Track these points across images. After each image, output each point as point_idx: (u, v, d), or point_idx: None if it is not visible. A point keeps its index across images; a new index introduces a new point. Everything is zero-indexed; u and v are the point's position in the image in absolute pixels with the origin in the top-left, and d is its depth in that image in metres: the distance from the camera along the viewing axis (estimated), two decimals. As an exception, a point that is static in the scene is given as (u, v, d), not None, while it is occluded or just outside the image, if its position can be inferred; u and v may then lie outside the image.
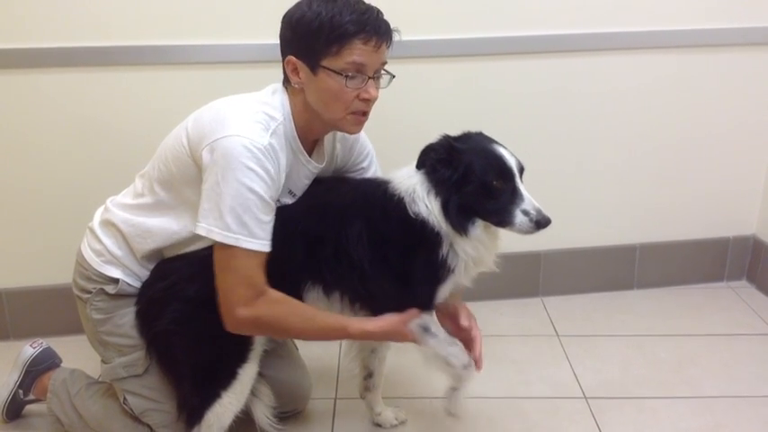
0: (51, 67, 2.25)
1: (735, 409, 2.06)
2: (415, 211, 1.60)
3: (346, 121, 1.62)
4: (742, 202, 2.81)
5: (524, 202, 1.56)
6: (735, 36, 2.54)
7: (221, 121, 1.54)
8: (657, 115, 2.62)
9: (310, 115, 1.63)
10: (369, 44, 1.53)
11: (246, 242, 1.50)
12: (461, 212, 1.58)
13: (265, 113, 1.58)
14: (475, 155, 1.59)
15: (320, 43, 1.52)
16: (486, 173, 1.57)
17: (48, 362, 2.00)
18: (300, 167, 1.68)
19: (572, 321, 2.59)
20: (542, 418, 2.03)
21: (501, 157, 1.59)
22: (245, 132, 1.51)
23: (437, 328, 1.67)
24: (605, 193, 2.71)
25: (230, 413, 1.69)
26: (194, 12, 2.25)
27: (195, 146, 1.56)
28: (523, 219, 1.55)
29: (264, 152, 1.51)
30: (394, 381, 2.16)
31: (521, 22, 2.42)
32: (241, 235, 1.49)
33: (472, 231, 1.59)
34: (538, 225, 1.55)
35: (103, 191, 1.86)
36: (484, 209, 1.58)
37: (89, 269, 1.74)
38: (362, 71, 1.55)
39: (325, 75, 1.54)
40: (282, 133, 1.59)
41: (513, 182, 1.58)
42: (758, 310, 2.65)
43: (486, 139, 1.66)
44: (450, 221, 1.58)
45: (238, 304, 1.53)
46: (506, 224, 1.58)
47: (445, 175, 1.58)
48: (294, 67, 1.59)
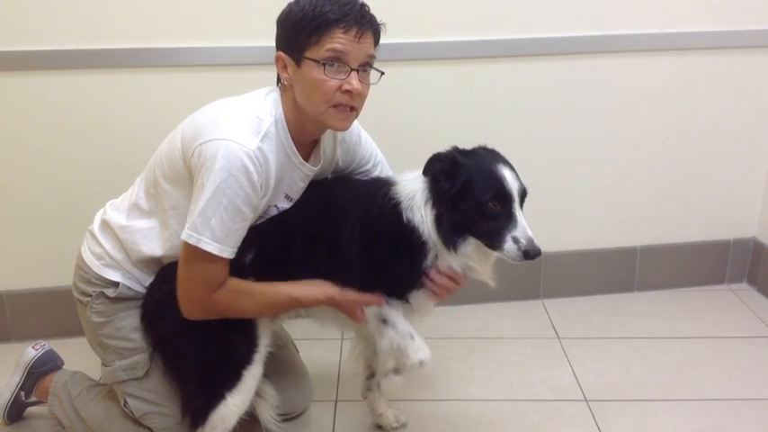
0: (51, 70, 2.25)
1: (736, 411, 2.05)
2: (408, 218, 1.60)
3: (329, 115, 1.58)
4: (743, 204, 2.81)
5: (517, 229, 1.53)
6: (735, 39, 2.54)
7: (212, 123, 1.55)
8: (658, 118, 2.62)
9: (300, 113, 1.61)
10: (349, 33, 1.51)
11: (207, 244, 1.50)
12: (453, 228, 1.56)
13: (256, 116, 1.57)
14: (477, 172, 1.56)
15: (303, 35, 1.52)
16: (484, 193, 1.54)
17: (49, 364, 2.00)
18: (294, 170, 1.66)
19: (573, 324, 2.59)
20: (543, 420, 2.03)
21: (502, 179, 1.56)
22: (232, 136, 1.50)
23: (398, 321, 1.66)
24: (606, 196, 2.71)
25: (235, 415, 1.68)
26: (193, 15, 2.25)
27: (186, 148, 1.56)
28: (512, 246, 1.52)
29: (252, 157, 1.50)
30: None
31: (521, 24, 2.42)
32: (204, 236, 1.50)
33: (462, 248, 1.58)
34: (526, 255, 1.51)
35: (104, 193, 1.87)
36: (476, 228, 1.56)
37: (89, 272, 1.74)
38: (343, 60, 1.53)
39: (308, 66, 1.53)
40: (274, 136, 1.58)
41: (509, 206, 1.55)
42: (759, 313, 2.65)
43: (494, 158, 1.63)
44: (440, 234, 1.57)
45: (192, 299, 1.58)
46: (495, 248, 1.56)
47: (444, 188, 1.57)
48: (282, 62, 1.59)
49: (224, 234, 1.51)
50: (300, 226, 1.68)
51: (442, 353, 2.37)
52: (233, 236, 1.53)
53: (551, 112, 2.55)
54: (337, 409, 2.10)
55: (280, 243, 1.67)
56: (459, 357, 2.36)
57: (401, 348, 1.64)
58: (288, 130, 1.62)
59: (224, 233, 1.51)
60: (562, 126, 2.57)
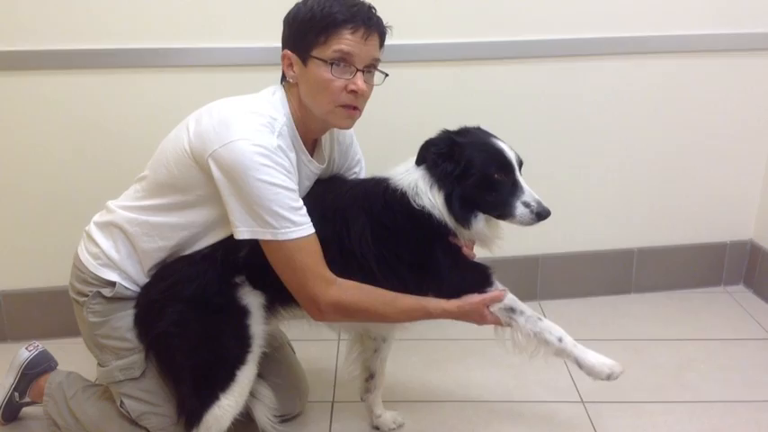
0: (51, 70, 2.25)
1: (732, 413, 2.06)
2: (420, 204, 1.62)
3: (335, 115, 1.61)
4: (739, 206, 2.81)
5: (525, 194, 1.60)
6: (732, 42, 2.55)
7: (225, 125, 1.54)
8: (655, 120, 2.63)
9: (305, 112, 1.64)
10: (357, 34, 1.54)
11: (293, 232, 1.52)
12: (464, 205, 1.60)
13: (269, 115, 1.58)
14: (475, 148, 1.62)
15: (311, 34, 1.55)
16: (487, 166, 1.59)
17: (44, 365, 2.00)
18: (302, 168, 1.68)
19: (570, 325, 2.56)
20: (540, 422, 2.03)
21: (501, 150, 1.63)
22: (251, 136, 1.51)
23: (523, 306, 1.67)
24: (603, 198, 2.71)
25: (229, 415, 1.68)
26: (194, 15, 2.25)
27: (199, 151, 1.55)
28: (524, 210, 1.58)
29: (275, 152, 1.52)
30: (393, 384, 2.15)
31: (518, 26, 2.42)
32: (284, 228, 1.51)
33: (475, 224, 1.62)
34: (539, 216, 1.58)
35: (102, 193, 1.85)
36: (485, 202, 1.61)
37: (86, 272, 1.73)
38: (350, 61, 1.56)
39: (315, 65, 1.56)
40: (287, 134, 1.60)
41: (513, 174, 1.61)
42: (755, 315, 2.66)
43: (485, 134, 1.69)
44: (453, 214, 1.61)
45: (315, 296, 1.57)
46: (507, 216, 1.61)
47: (447, 169, 1.60)
48: (289, 61, 1.62)
49: (298, 216, 1.53)
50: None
51: (439, 354, 2.38)
52: (303, 212, 1.55)
53: (549, 114, 2.55)
54: (334, 411, 2.09)
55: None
56: (456, 359, 2.36)
57: (537, 333, 1.65)
58: (296, 129, 1.64)
59: (297, 215, 1.53)
60: (559, 128, 2.58)
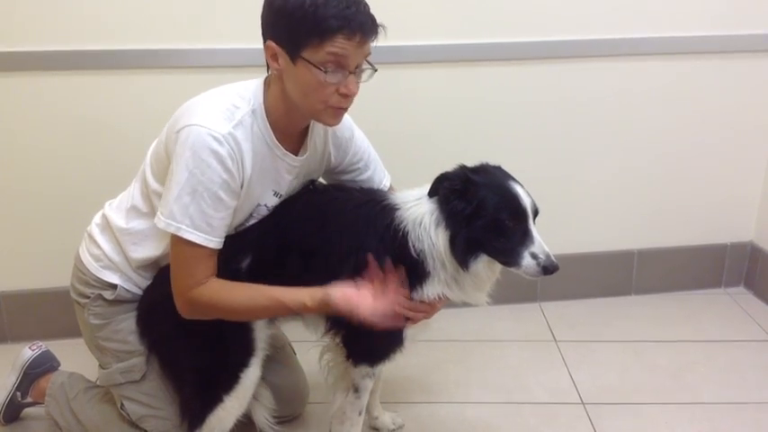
0: (51, 70, 2.25)
1: (732, 415, 2.06)
2: (417, 249, 1.57)
3: (323, 114, 1.55)
4: (740, 208, 2.81)
5: (534, 245, 1.52)
6: (732, 43, 2.55)
7: (188, 111, 1.54)
8: (656, 122, 2.63)
9: (288, 105, 1.56)
10: (353, 40, 1.46)
11: (188, 233, 1.48)
12: (468, 247, 1.54)
13: (232, 104, 1.54)
14: (490, 190, 1.54)
15: (302, 34, 1.45)
16: (500, 210, 1.52)
17: (46, 365, 2.00)
18: (277, 161, 1.62)
19: (570, 327, 2.60)
20: (540, 423, 2.03)
21: (517, 196, 1.54)
22: (204, 122, 1.48)
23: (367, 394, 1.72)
24: (604, 199, 2.71)
25: (232, 417, 1.69)
26: (194, 16, 2.25)
27: (168, 139, 1.55)
28: (531, 261, 1.51)
29: (221, 141, 1.47)
30: (392, 385, 2.16)
31: (521, 27, 2.42)
32: (183, 225, 1.47)
33: (473, 266, 1.56)
34: (545, 270, 1.51)
35: (103, 194, 1.86)
36: (492, 246, 1.54)
37: (87, 274, 1.73)
38: (343, 65, 1.48)
39: (305, 67, 1.47)
40: (249, 124, 1.54)
41: (525, 223, 1.54)
42: (755, 317, 2.66)
43: (504, 175, 1.61)
44: (455, 254, 1.55)
45: (181, 292, 1.53)
46: (512, 264, 1.54)
47: (458, 208, 1.53)
48: (273, 52, 1.51)
49: (206, 223, 1.49)
50: (298, 240, 1.64)
51: (439, 355, 2.38)
52: (216, 224, 1.50)
53: (549, 115, 2.55)
54: (334, 412, 2.10)
55: (276, 255, 1.63)
56: (456, 360, 2.36)
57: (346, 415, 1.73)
58: (267, 120, 1.58)
59: (206, 222, 1.49)
60: (560, 129, 2.58)
